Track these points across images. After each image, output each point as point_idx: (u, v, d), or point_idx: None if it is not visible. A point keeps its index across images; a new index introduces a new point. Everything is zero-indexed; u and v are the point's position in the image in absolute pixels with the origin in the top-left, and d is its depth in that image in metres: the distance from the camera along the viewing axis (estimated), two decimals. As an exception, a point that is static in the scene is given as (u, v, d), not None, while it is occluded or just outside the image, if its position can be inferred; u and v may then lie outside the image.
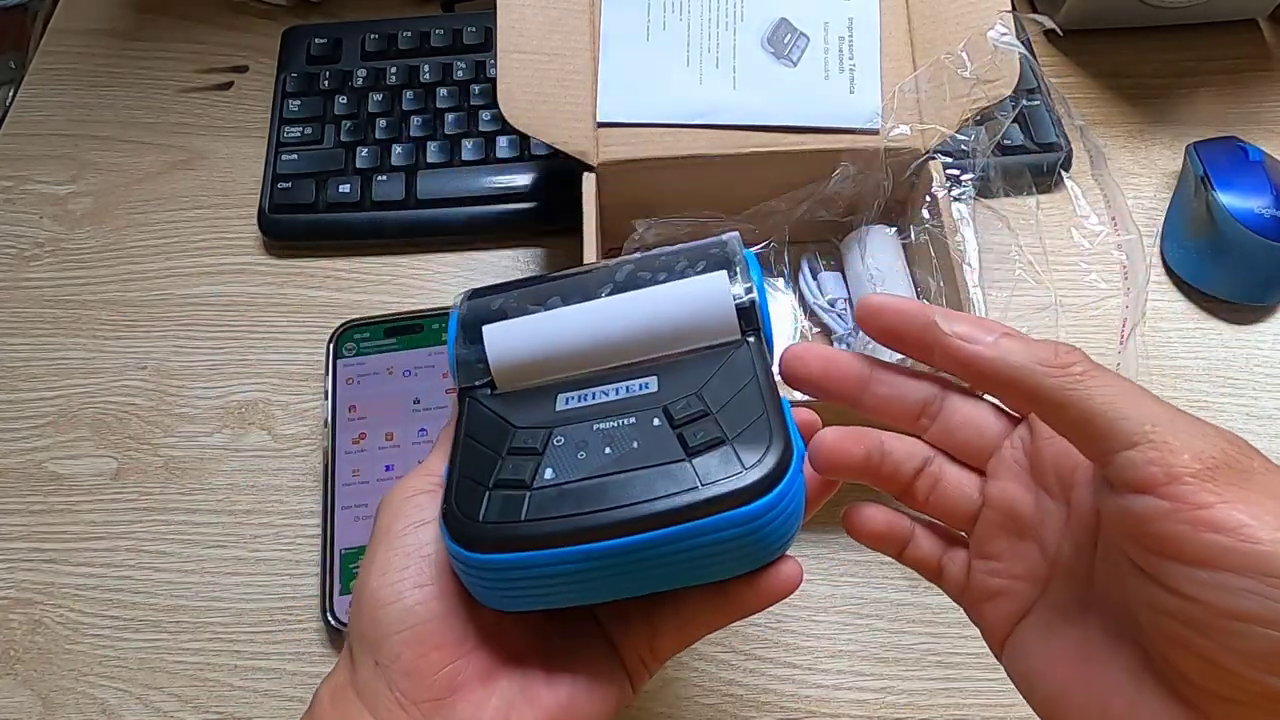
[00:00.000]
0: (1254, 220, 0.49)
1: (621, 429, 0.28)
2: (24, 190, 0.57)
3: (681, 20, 0.48)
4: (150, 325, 0.52)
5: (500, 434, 0.29)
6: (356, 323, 0.49)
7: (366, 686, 0.27)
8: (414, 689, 0.27)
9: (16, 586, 0.45)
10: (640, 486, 0.26)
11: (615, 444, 0.27)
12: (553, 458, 0.28)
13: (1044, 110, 0.55)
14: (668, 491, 0.26)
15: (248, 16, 0.64)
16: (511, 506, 0.27)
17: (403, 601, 0.28)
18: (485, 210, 0.54)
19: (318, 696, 0.29)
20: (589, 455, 0.27)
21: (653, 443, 0.27)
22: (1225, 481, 0.21)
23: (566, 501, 0.26)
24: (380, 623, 0.28)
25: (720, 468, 0.26)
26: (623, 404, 0.29)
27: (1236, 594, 0.21)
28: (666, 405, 0.28)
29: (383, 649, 0.27)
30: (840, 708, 0.41)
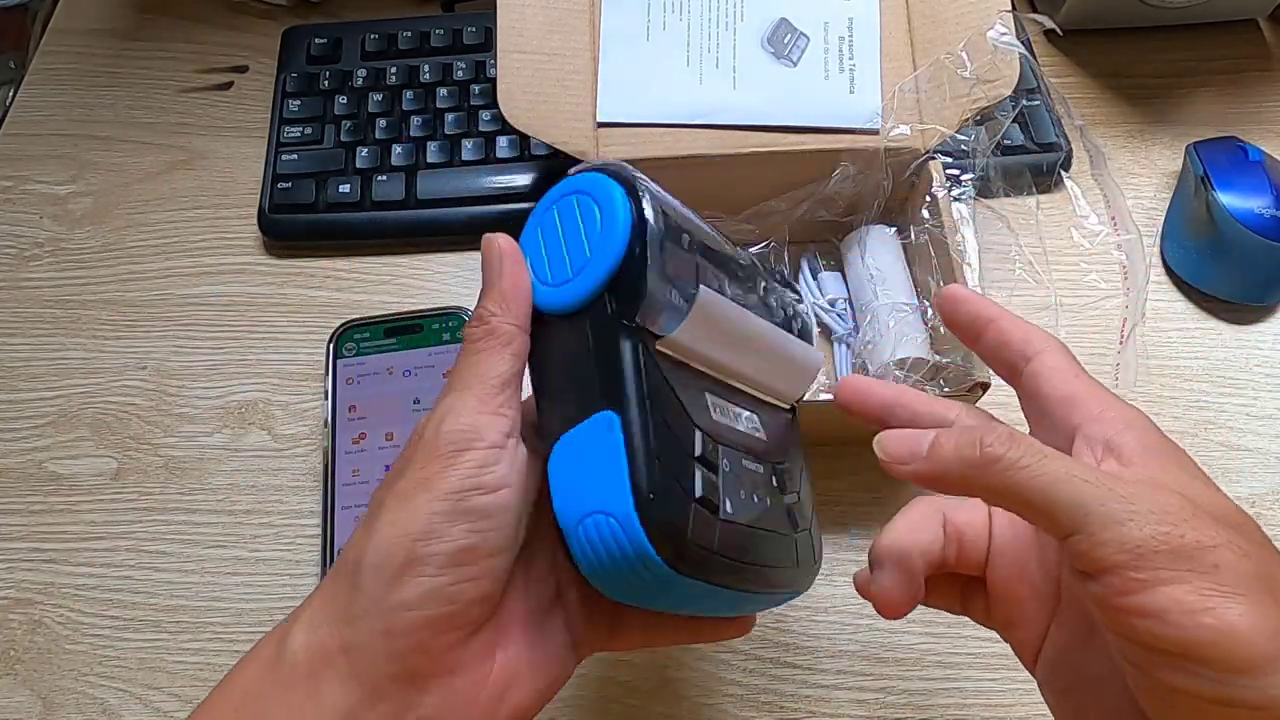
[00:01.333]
0: (1254, 220, 0.49)
1: (758, 478, 0.29)
2: (24, 190, 0.57)
3: (681, 20, 0.48)
4: (150, 325, 0.52)
5: (682, 423, 0.26)
6: (356, 323, 0.49)
7: (363, 650, 0.25)
8: (421, 664, 0.25)
9: (16, 586, 0.45)
10: (772, 552, 0.29)
11: (758, 495, 0.29)
12: (727, 486, 0.27)
13: (1044, 110, 0.55)
14: (782, 563, 0.29)
15: (248, 16, 0.64)
16: (709, 532, 0.25)
17: (440, 579, 0.25)
18: (485, 210, 0.54)
19: (288, 646, 0.25)
20: (747, 499, 0.28)
21: (775, 509, 0.29)
22: (1157, 565, 0.22)
23: (741, 547, 0.27)
24: (406, 590, 0.25)
25: (805, 554, 0.31)
26: (753, 443, 0.30)
27: (1174, 671, 0.22)
28: (775, 467, 0.30)
29: (399, 619, 0.25)
30: (840, 708, 0.41)
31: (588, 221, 0.27)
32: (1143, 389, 0.48)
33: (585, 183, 0.28)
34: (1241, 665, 0.21)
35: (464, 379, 0.27)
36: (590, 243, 0.27)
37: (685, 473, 0.25)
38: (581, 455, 0.26)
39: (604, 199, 0.27)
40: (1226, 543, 0.22)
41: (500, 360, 0.27)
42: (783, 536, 0.29)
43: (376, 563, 0.25)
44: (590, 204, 0.27)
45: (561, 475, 0.26)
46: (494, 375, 0.27)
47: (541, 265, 0.28)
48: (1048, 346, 0.29)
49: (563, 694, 0.41)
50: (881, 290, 0.46)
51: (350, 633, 0.25)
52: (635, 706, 0.41)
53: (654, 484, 0.24)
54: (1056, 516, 0.23)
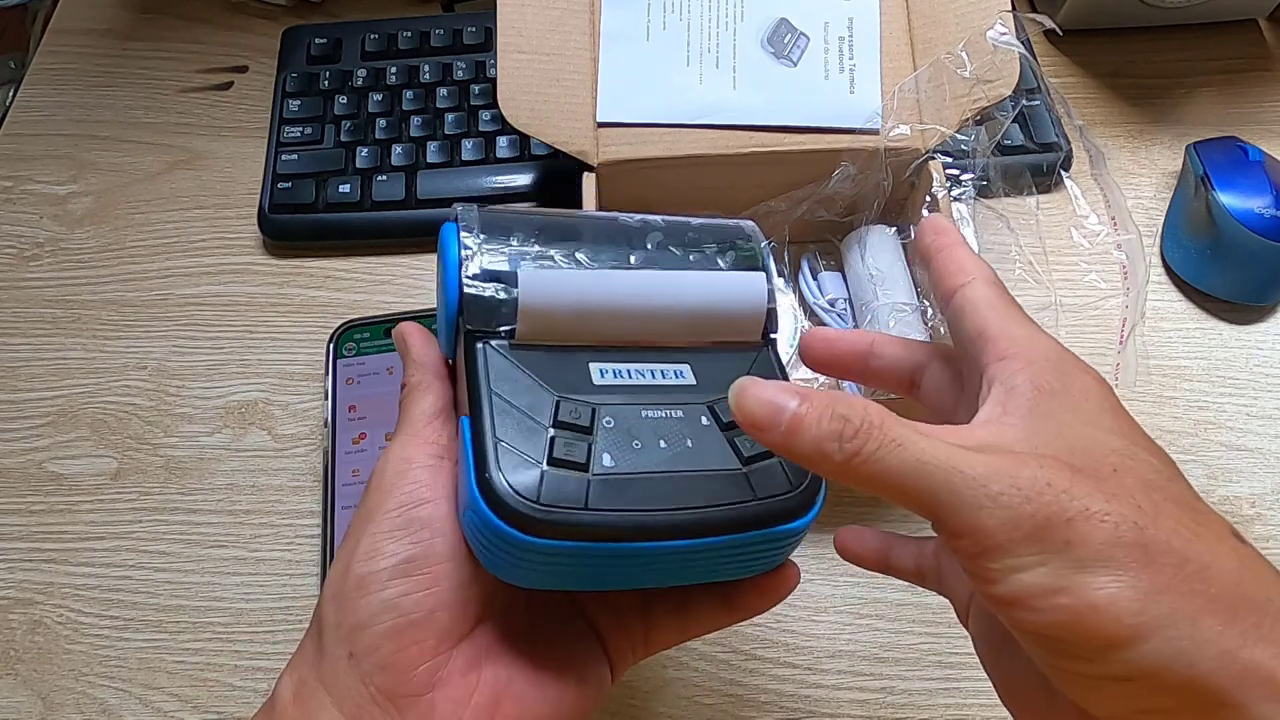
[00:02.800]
0: (1254, 220, 0.49)
1: (671, 422, 0.28)
2: (24, 190, 0.57)
3: (681, 20, 0.48)
4: (150, 325, 0.52)
5: (538, 399, 0.27)
6: (356, 323, 0.49)
7: (336, 679, 0.26)
8: (391, 683, 0.25)
9: (16, 586, 0.45)
10: (702, 490, 0.27)
11: (668, 438, 0.27)
12: (607, 441, 0.27)
13: (1044, 110, 0.55)
14: (729, 500, 0.27)
15: (248, 16, 0.64)
16: (573, 491, 0.25)
17: (388, 591, 0.26)
18: (485, 210, 0.53)
19: (278, 692, 0.27)
20: (644, 446, 0.27)
21: (706, 444, 0.28)
22: (1010, 554, 0.21)
23: (630, 494, 0.26)
24: (360, 611, 0.26)
25: (772, 482, 0.28)
26: (663, 392, 0.29)
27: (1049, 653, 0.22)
28: (713, 405, 0.29)
29: (360, 639, 0.26)
30: (840, 708, 0.41)
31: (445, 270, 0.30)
32: (1143, 389, 0.48)
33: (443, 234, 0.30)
34: (1105, 641, 0.20)
35: (398, 428, 0.30)
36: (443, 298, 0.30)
37: (534, 444, 0.26)
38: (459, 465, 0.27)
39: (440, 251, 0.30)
40: (1083, 512, 0.21)
41: (422, 402, 0.30)
42: (724, 473, 0.27)
43: (332, 594, 0.27)
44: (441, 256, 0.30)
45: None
46: (418, 414, 0.29)
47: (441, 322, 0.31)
48: (974, 277, 0.28)
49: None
50: (881, 290, 0.46)
51: (324, 667, 0.26)
52: (635, 706, 0.41)
53: (492, 464, 0.25)
54: (917, 506, 0.22)
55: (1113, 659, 0.20)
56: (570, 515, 0.25)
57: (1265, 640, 0.20)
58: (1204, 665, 0.20)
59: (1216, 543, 0.22)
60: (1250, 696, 0.20)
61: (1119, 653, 0.20)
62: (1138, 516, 0.21)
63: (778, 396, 0.23)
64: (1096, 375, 0.26)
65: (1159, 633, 0.20)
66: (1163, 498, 0.22)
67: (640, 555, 0.26)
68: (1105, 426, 0.24)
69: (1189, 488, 0.23)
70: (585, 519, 0.25)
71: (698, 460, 0.27)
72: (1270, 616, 0.21)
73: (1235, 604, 0.20)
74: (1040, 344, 0.26)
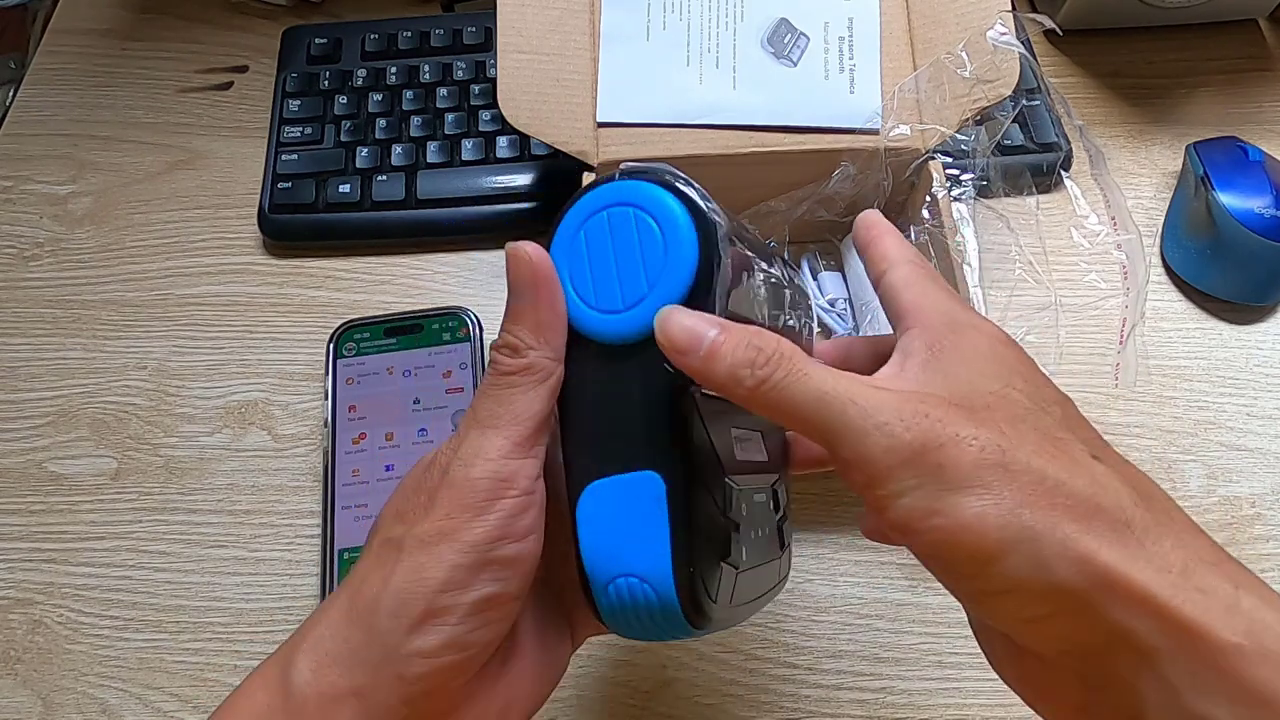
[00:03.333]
0: (1254, 220, 0.49)
1: (763, 509, 0.28)
2: (24, 190, 0.57)
3: (681, 20, 0.48)
4: (150, 325, 0.52)
5: (717, 480, 0.25)
6: (356, 323, 0.49)
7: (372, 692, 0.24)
8: (431, 706, 0.25)
9: (16, 586, 0.45)
10: (766, 580, 0.29)
11: (762, 530, 0.28)
12: (743, 534, 0.26)
13: (1044, 110, 0.55)
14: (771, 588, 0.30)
15: (248, 16, 0.64)
16: (728, 588, 0.26)
17: (460, 628, 0.24)
18: (485, 210, 0.54)
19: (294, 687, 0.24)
20: (757, 539, 0.28)
21: (772, 534, 0.29)
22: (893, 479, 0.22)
23: (746, 588, 0.27)
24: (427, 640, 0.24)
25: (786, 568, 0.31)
26: (760, 472, 0.29)
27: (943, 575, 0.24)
28: (774, 490, 0.30)
29: (415, 665, 0.24)
30: (840, 708, 0.41)
31: (646, 246, 0.25)
32: (1143, 389, 0.48)
33: (642, 197, 0.25)
34: (978, 557, 0.22)
35: (496, 415, 0.25)
36: (649, 273, 0.25)
37: (718, 536, 0.25)
38: (619, 512, 0.25)
39: (667, 224, 0.25)
40: (954, 438, 0.22)
41: (536, 399, 0.25)
42: (774, 561, 0.30)
43: (394, 609, 0.24)
44: (649, 225, 0.25)
45: (594, 527, 0.25)
46: (529, 416, 0.25)
47: (585, 283, 0.26)
48: (893, 262, 0.30)
49: (562, 694, 0.41)
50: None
51: (363, 677, 0.24)
52: (635, 707, 0.41)
53: (694, 556, 0.24)
54: (816, 434, 0.24)
55: (990, 573, 0.22)
56: (727, 614, 0.26)
57: (1119, 544, 0.21)
58: (1062, 572, 0.21)
59: (1073, 463, 0.23)
60: (1105, 599, 0.21)
61: (992, 567, 0.22)
62: (1001, 440, 0.22)
63: (698, 324, 0.24)
64: (991, 330, 0.27)
65: (1021, 545, 0.21)
66: (1028, 427, 0.24)
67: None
68: (988, 373, 0.25)
69: (1059, 422, 0.25)
70: (723, 613, 0.26)
71: (769, 551, 0.29)
72: (1123, 524, 0.22)
73: (1090, 513, 0.22)
74: (940, 310, 0.28)
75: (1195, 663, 0.21)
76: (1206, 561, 0.22)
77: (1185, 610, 0.21)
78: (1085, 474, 0.23)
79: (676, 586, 0.24)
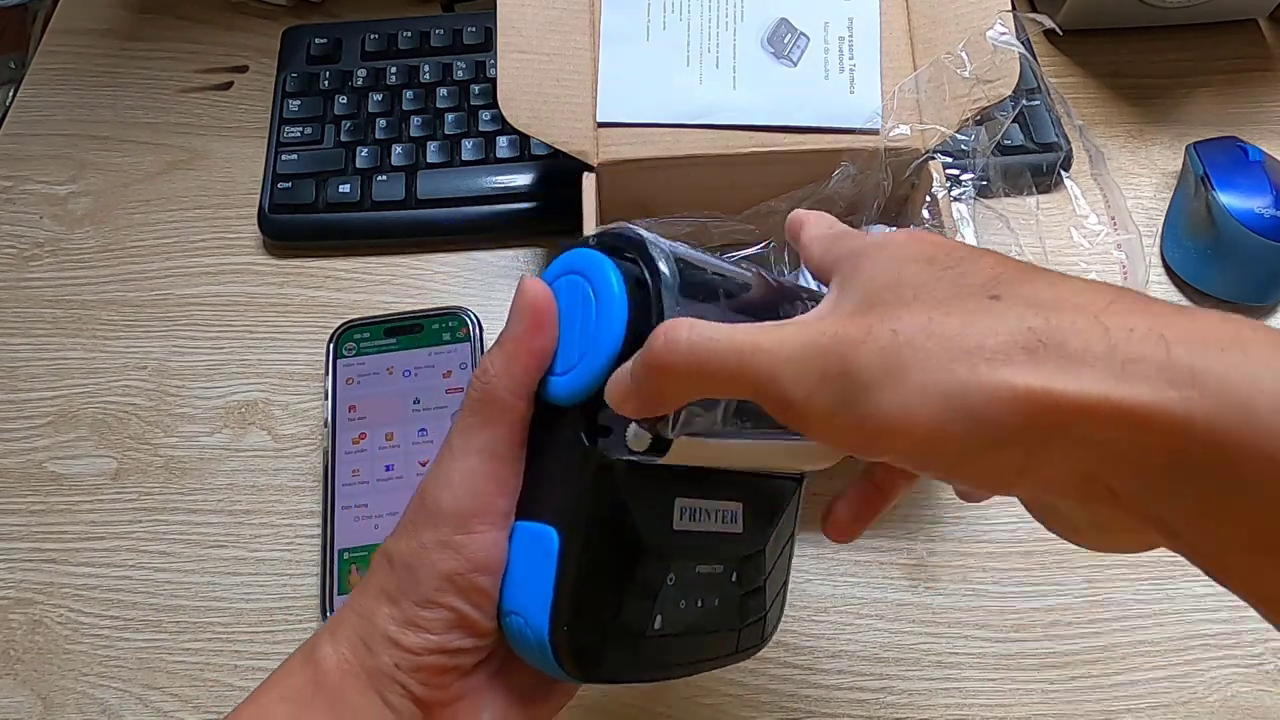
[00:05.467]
0: (1254, 220, 0.49)
1: (711, 580, 0.29)
2: (24, 190, 0.57)
3: (681, 20, 0.48)
4: (150, 325, 0.52)
5: (626, 548, 0.26)
6: (356, 323, 0.49)
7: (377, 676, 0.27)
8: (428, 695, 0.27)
9: (16, 586, 0.45)
10: (708, 647, 0.30)
11: (705, 597, 0.29)
12: (664, 602, 0.27)
13: (1044, 110, 0.55)
14: (720, 654, 0.30)
15: (248, 16, 0.64)
16: (625, 651, 0.27)
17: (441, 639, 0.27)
18: (485, 210, 0.54)
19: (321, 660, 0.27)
20: (687, 607, 0.28)
21: (725, 607, 0.30)
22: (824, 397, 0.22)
23: (663, 653, 0.28)
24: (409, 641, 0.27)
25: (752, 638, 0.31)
26: (718, 544, 0.29)
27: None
28: (738, 571, 0.30)
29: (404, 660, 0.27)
30: (840, 708, 0.41)
31: (585, 314, 0.25)
32: (1143, 389, 0.48)
33: (588, 265, 0.26)
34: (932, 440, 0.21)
35: (466, 444, 0.27)
36: (582, 341, 0.25)
37: (611, 601, 0.26)
38: (524, 554, 0.27)
39: (602, 294, 0.25)
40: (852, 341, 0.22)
41: (499, 431, 0.27)
42: (726, 632, 0.30)
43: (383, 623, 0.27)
44: (588, 295, 0.25)
45: (511, 561, 0.27)
46: (494, 446, 0.27)
47: None
48: (805, 220, 0.30)
49: (563, 694, 0.41)
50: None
51: (369, 661, 0.27)
52: (635, 707, 0.41)
53: (572, 613, 0.25)
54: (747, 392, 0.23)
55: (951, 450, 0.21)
56: (615, 672, 0.27)
57: (1032, 364, 0.20)
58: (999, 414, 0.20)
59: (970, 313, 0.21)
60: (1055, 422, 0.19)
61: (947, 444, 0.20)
62: (896, 324, 0.21)
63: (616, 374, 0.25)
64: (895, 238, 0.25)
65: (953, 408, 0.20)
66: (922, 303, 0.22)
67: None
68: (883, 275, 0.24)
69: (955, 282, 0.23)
70: (625, 674, 0.28)
71: (714, 619, 0.29)
72: (1032, 344, 0.20)
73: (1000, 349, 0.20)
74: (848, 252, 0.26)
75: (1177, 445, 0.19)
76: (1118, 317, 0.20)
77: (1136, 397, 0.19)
78: (984, 316, 0.21)
79: (552, 637, 0.25)
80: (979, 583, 0.44)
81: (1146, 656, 0.42)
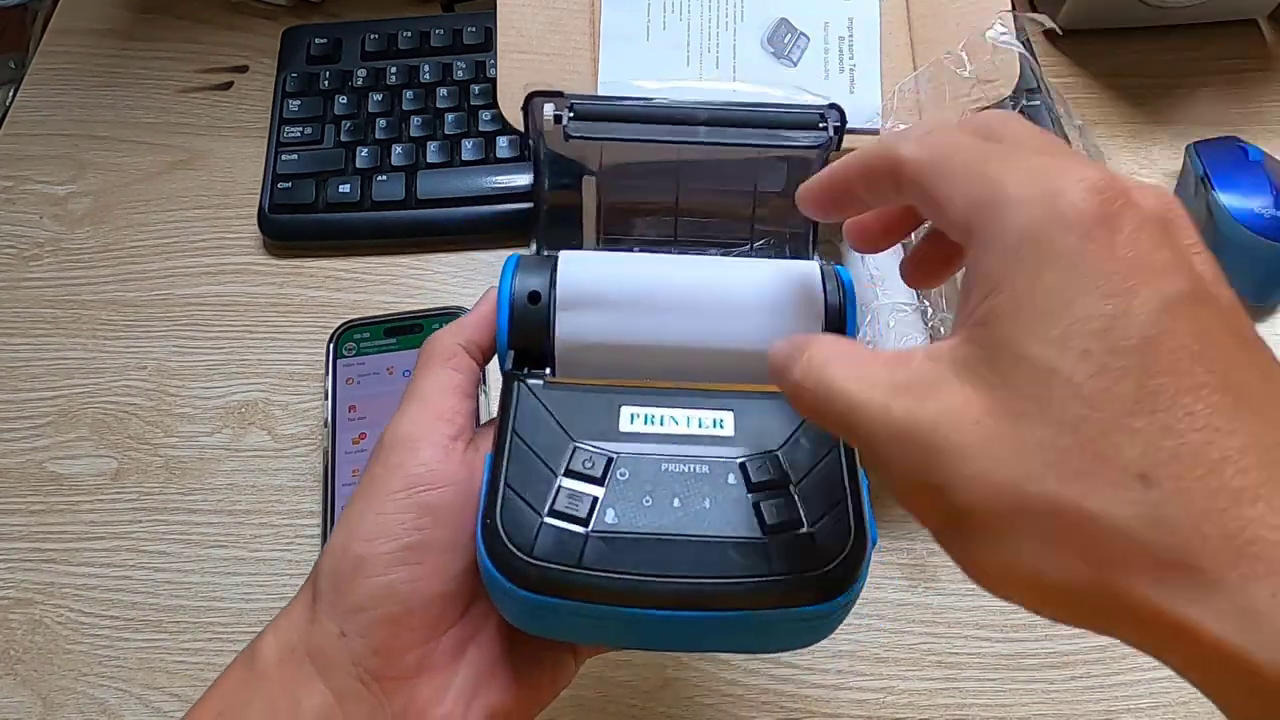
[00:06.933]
0: (1254, 220, 0.49)
1: (693, 478, 0.26)
2: (24, 190, 0.57)
3: (681, 20, 0.48)
4: (150, 325, 0.52)
5: (556, 443, 0.27)
6: (356, 323, 0.49)
7: (324, 652, 0.26)
8: (380, 667, 0.26)
9: (16, 586, 0.45)
10: (709, 558, 0.25)
11: (685, 497, 0.26)
12: (615, 495, 0.26)
13: (1044, 110, 0.55)
14: (739, 573, 0.25)
15: (248, 16, 0.64)
16: (568, 546, 0.25)
17: (390, 577, 0.26)
18: (485, 210, 0.54)
19: (259, 651, 0.27)
20: (655, 503, 0.25)
21: (726, 507, 0.26)
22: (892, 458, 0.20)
23: (628, 555, 0.25)
24: (357, 592, 0.26)
25: (796, 558, 0.25)
26: (694, 442, 0.27)
27: None
28: (745, 463, 0.26)
29: (354, 621, 0.26)
30: (840, 708, 0.41)
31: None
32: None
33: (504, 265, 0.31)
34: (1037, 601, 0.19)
35: (411, 390, 0.29)
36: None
37: (540, 492, 0.26)
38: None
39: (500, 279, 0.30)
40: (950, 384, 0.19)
41: (441, 373, 0.29)
42: (739, 541, 0.25)
43: (329, 568, 0.27)
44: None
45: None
46: (434, 385, 0.28)
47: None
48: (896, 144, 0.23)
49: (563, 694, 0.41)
50: (882, 290, 0.46)
51: (312, 637, 0.26)
52: (636, 706, 0.41)
53: (497, 512, 0.25)
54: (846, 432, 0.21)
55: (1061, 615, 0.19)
56: (561, 573, 0.24)
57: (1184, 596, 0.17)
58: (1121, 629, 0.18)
59: (1114, 483, 0.17)
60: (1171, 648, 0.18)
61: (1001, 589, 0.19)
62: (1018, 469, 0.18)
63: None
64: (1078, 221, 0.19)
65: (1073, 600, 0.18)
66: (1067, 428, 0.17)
67: (635, 620, 0.25)
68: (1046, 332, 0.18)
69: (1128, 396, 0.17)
70: (577, 578, 0.24)
71: (713, 524, 0.25)
72: (1185, 566, 0.17)
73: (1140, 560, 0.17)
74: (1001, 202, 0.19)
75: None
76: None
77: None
78: (1128, 498, 0.17)
79: (481, 534, 0.25)
80: (979, 583, 0.44)
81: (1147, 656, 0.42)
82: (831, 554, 0.25)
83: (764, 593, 0.25)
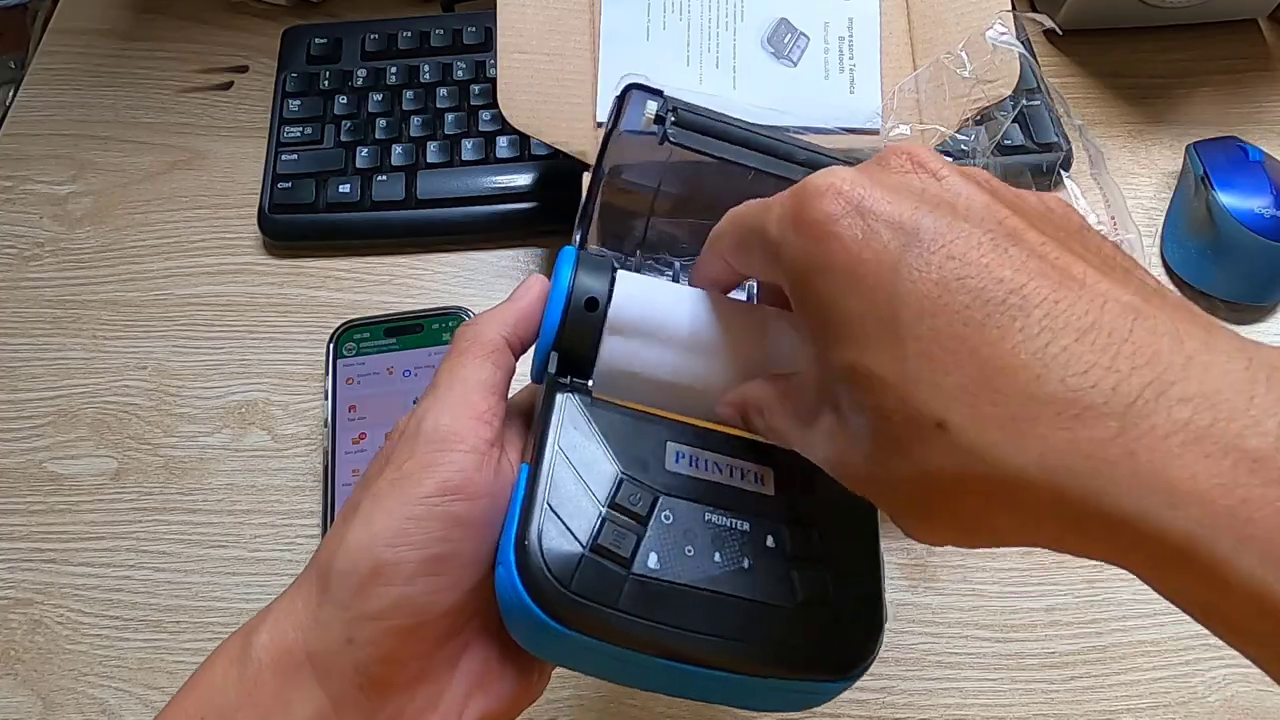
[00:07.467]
0: (1254, 220, 0.49)
1: (734, 535, 0.26)
2: (24, 190, 0.57)
3: (681, 20, 0.48)
4: (150, 325, 0.52)
5: (603, 470, 0.26)
6: (356, 323, 0.49)
7: (326, 658, 0.25)
8: (383, 675, 0.25)
9: (16, 586, 0.45)
10: (741, 620, 0.25)
11: (725, 552, 0.25)
12: (658, 538, 0.25)
13: (1044, 110, 0.55)
14: (766, 639, 0.25)
15: (248, 16, 0.64)
16: (608, 585, 0.24)
17: (411, 589, 0.24)
18: (485, 210, 0.54)
19: (252, 652, 0.25)
20: (697, 555, 0.25)
21: (764, 571, 0.26)
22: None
23: (664, 606, 0.24)
24: (374, 601, 0.24)
25: (821, 631, 0.25)
26: (737, 496, 0.27)
27: None
28: (786, 530, 0.26)
29: (365, 629, 0.24)
30: (841, 708, 0.41)
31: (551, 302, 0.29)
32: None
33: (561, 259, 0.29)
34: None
35: (448, 380, 0.27)
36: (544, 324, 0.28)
37: (583, 521, 0.24)
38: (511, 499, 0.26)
39: (555, 285, 0.28)
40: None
41: (482, 367, 0.27)
42: (772, 608, 0.25)
43: (345, 569, 0.25)
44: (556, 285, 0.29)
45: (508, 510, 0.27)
46: (475, 380, 0.27)
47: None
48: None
49: (562, 694, 0.41)
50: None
51: (315, 640, 0.25)
52: (635, 706, 0.41)
53: (535, 532, 0.24)
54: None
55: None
56: (597, 611, 0.24)
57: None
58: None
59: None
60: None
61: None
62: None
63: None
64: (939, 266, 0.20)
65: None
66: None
67: (656, 669, 0.25)
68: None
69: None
70: (611, 619, 0.24)
71: (749, 586, 0.25)
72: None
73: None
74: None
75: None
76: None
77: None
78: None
79: (516, 556, 0.24)
80: (979, 583, 0.44)
81: (1146, 656, 0.42)
82: (853, 631, 0.26)
83: (787, 663, 0.25)
